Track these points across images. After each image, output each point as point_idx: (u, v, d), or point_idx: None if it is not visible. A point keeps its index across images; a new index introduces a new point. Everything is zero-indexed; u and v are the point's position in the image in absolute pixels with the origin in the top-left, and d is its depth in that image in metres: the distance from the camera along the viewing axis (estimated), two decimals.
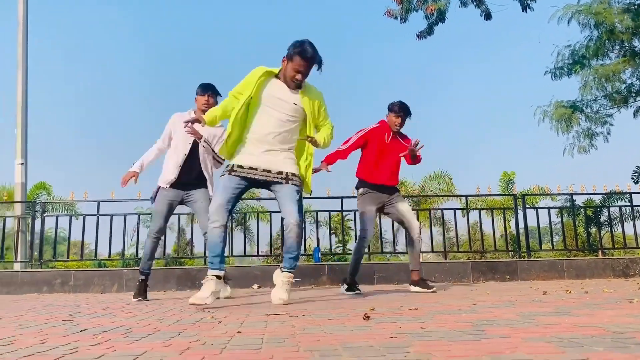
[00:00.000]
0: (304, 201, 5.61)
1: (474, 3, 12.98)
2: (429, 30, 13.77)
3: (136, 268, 6.95)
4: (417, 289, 4.86)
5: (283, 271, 3.65)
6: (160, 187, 4.64)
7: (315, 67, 3.62)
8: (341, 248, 9.74)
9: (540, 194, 9.34)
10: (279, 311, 2.97)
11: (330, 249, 8.86)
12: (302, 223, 3.69)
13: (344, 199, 7.28)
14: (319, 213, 7.94)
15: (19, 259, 7.95)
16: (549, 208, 8.19)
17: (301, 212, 3.70)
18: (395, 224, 6.02)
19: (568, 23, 14.26)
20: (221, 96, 4.72)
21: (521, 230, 7.97)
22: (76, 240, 10.35)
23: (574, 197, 8.41)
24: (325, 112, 3.82)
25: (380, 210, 4.97)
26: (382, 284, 6.82)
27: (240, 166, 3.58)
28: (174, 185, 4.60)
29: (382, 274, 6.97)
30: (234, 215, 8.55)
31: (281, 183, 3.60)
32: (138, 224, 8.05)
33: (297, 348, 1.59)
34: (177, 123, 4.61)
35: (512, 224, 9.79)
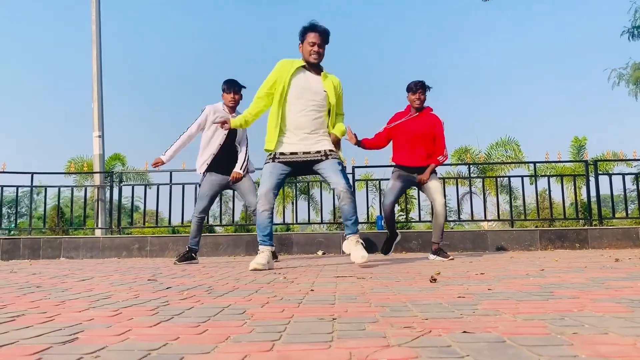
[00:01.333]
0: (366, 170, 5.71)
1: None
2: None
3: (208, 234, 7.30)
4: (434, 257, 5.03)
5: (347, 237, 3.88)
6: (205, 172, 5.08)
7: (326, 45, 3.94)
8: (404, 216, 9.74)
9: (613, 160, 8.91)
10: (346, 274, 3.09)
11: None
12: (351, 188, 3.95)
13: None
14: (381, 182, 7.99)
15: (99, 225, 8.50)
16: (623, 174, 7.85)
17: (347, 180, 3.91)
18: (460, 192, 6.05)
19: None
20: (245, 87, 5.11)
21: (593, 198, 7.71)
22: (150, 208, 10.91)
23: None
24: (342, 98, 4.13)
25: (415, 186, 5.21)
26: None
27: (282, 153, 3.89)
28: (216, 169, 5.05)
29: (447, 241, 6.96)
30: (297, 184, 8.72)
31: (322, 160, 3.88)
32: None
33: (369, 304, 1.69)
34: (211, 115, 5.04)
35: (583, 191, 9.45)
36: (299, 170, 4.06)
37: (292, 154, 3.87)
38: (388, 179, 7.59)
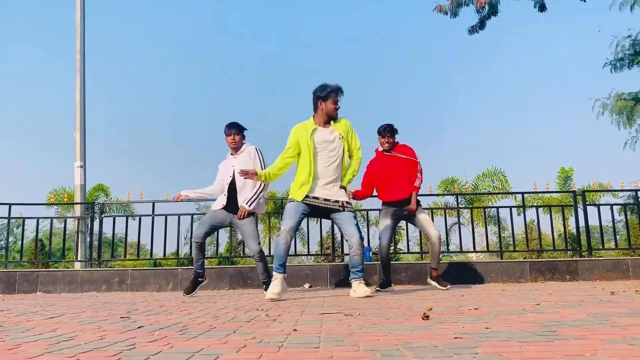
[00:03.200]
0: (354, 201, 5.66)
1: None
2: (481, 25, 13.44)
3: (190, 267, 7.07)
4: (434, 283, 5.35)
5: (352, 280, 4.28)
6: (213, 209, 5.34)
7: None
8: (392, 247, 9.58)
9: (601, 190, 8.88)
10: (333, 310, 2.92)
11: None
12: (363, 240, 4.38)
13: None
14: (369, 212, 7.84)
15: (79, 258, 8.22)
16: (611, 205, 7.79)
17: (361, 233, 4.32)
18: (449, 223, 6.03)
19: (631, 9, 13.55)
20: (246, 129, 5.36)
21: (582, 229, 7.61)
22: (133, 240, 10.65)
23: (637, 194, 7.94)
24: (355, 136, 4.54)
25: (404, 219, 5.57)
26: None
27: (306, 195, 4.28)
28: (225, 207, 5.22)
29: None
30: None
31: (339, 210, 4.32)
32: (192, 223, 8.16)
33: (357, 347, 1.53)
34: (221, 166, 5.43)
35: (571, 222, 9.38)
36: (316, 213, 4.48)
37: (314, 197, 4.30)
38: (377, 209, 7.51)
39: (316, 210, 4.37)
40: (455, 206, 8.28)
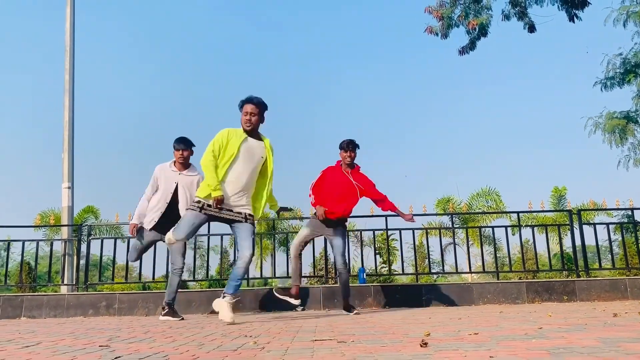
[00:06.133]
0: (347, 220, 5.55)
1: (517, 16, 12.66)
2: (471, 46, 13.49)
3: (180, 290, 6.87)
4: (346, 313, 5.34)
5: (225, 296, 4.14)
6: (143, 226, 5.26)
7: (264, 113, 4.38)
8: (386, 269, 9.41)
9: (598, 209, 8.79)
10: (325, 336, 2.77)
11: (376, 269, 8.52)
12: (253, 257, 4.35)
13: (388, 217, 7.01)
14: (363, 232, 7.70)
15: (65, 282, 8.00)
16: (608, 224, 7.69)
17: (254, 250, 4.30)
18: (444, 242, 5.95)
19: (624, 25, 13.64)
20: (195, 146, 5.34)
21: (578, 248, 7.50)
22: (122, 263, 10.43)
23: (633, 212, 7.85)
24: (272, 159, 4.45)
25: (326, 236, 5.53)
26: (431, 305, 6.52)
27: (209, 205, 4.20)
28: (155, 227, 5.21)
29: (431, 295, 6.66)
30: (277, 236, 8.37)
31: (241, 222, 4.24)
32: None
33: None
34: (160, 174, 5.29)
35: (566, 241, 9.26)
36: (215, 220, 4.35)
37: (219, 208, 4.19)
38: (370, 230, 7.33)
39: (218, 218, 4.28)
40: (450, 226, 8.14)
